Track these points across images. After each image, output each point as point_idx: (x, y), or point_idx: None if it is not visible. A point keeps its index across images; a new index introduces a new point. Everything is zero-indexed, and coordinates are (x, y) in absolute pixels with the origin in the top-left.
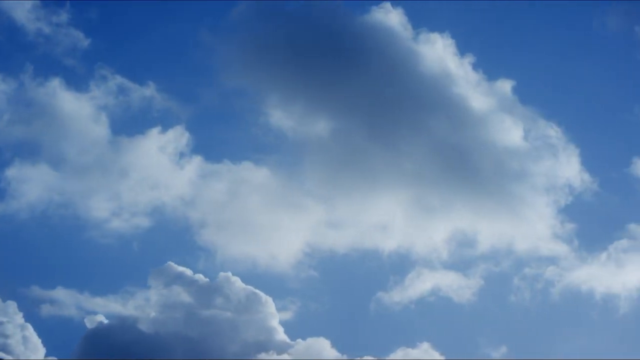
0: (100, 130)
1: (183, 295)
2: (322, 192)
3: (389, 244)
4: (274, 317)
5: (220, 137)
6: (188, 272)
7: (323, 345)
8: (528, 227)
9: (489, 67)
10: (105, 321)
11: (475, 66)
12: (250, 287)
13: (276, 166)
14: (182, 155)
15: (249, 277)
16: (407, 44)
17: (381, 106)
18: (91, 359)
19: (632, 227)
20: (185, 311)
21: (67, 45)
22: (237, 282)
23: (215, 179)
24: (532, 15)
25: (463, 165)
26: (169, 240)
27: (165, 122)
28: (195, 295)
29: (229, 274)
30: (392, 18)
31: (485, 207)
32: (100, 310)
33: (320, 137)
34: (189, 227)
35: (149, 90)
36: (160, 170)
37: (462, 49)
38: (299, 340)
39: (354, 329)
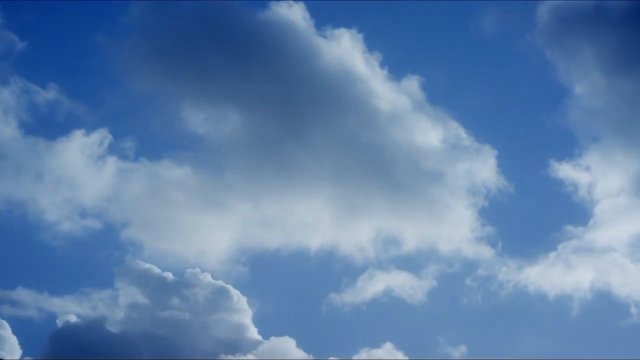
0: (9, 132)
1: (150, 294)
2: (245, 190)
3: (316, 242)
4: (245, 313)
5: (134, 137)
6: (156, 269)
7: (289, 344)
8: (451, 229)
9: (396, 65)
10: (72, 321)
11: (382, 64)
12: (220, 283)
13: (196, 164)
14: (100, 156)
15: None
16: (311, 40)
17: (293, 104)
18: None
19: (570, 228)
20: (153, 310)
21: None
22: (207, 278)
23: (137, 178)
24: (440, 15)
25: (380, 165)
26: (108, 241)
27: (75, 125)
28: (163, 293)
29: (198, 270)
30: (294, 14)
31: (406, 208)
32: (61, 310)
33: (236, 135)
34: (117, 226)
35: (52, 93)
36: (80, 171)
37: (369, 46)
38: (272, 337)
39: (312, 329)
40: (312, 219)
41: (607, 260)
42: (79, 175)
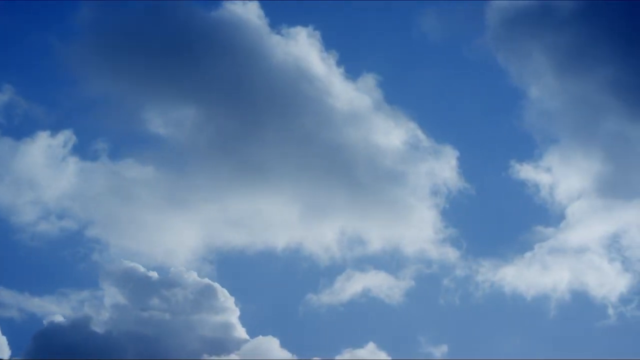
0: None
1: (135, 293)
2: (209, 188)
3: (283, 241)
4: (232, 312)
5: (95, 138)
6: (140, 268)
7: (273, 344)
8: (415, 230)
9: (352, 63)
10: (56, 321)
11: (339, 62)
12: (206, 281)
13: (160, 164)
14: (62, 157)
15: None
16: (267, 38)
17: (251, 104)
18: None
19: (539, 229)
20: (137, 309)
21: None
22: (192, 276)
23: (101, 179)
24: (395, 15)
25: (341, 164)
26: (76, 241)
27: (35, 126)
28: (147, 292)
29: (183, 269)
30: (249, 13)
31: (370, 208)
32: (41, 310)
33: (197, 135)
34: (84, 226)
35: (8, 95)
36: (43, 172)
37: (326, 44)
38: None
39: (293, 329)
40: (277, 218)
41: (580, 261)
42: (43, 176)
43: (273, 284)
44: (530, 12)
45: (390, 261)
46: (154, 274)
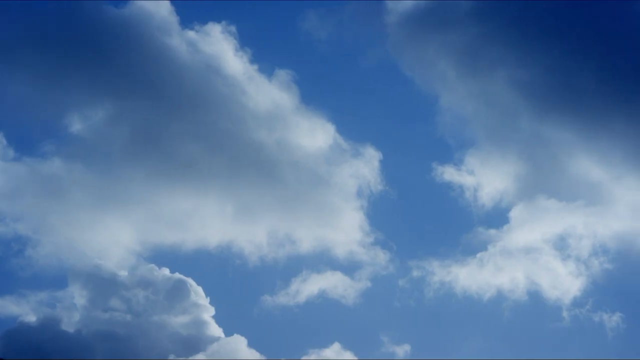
0: None
1: (105, 292)
2: (141, 187)
3: (214, 240)
4: (205, 309)
5: (19, 136)
6: (108, 265)
7: (241, 344)
8: (343, 232)
9: (267, 61)
10: (25, 321)
11: (252, 60)
12: (178, 275)
13: (88, 162)
14: None
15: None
16: (178, 36)
17: (169, 103)
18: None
19: (480, 230)
20: (100, 308)
21: None
22: (164, 272)
23: (28, 178)
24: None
25: (264, 164)
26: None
27: None
28: (118, 291)
29: (153, 265)
30: (160, 10)
31: (298, 210)
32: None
33: (118, 133)
34: (16, 226)
35: None
36: None
37: (242, 42)
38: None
39: (256, 329)
40: (209, 216)
41: (512, 264)
42: None
43: (221, 284)
44: (425, 13)
45: (319, 263)
46: (124, 273)
